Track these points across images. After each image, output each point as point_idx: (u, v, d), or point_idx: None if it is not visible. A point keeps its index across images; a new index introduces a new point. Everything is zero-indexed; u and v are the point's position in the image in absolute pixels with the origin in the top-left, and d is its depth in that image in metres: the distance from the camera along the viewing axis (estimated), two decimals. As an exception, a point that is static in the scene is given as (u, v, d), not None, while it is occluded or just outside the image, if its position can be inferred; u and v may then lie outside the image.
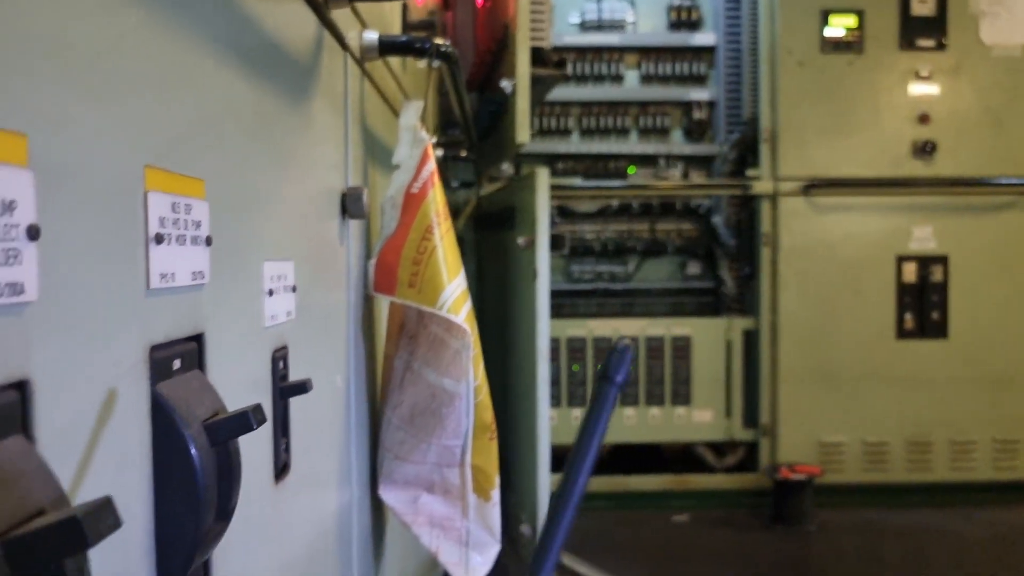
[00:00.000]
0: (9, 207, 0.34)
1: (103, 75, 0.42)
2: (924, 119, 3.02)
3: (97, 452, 0.41)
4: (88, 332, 0.41)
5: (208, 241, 0.55)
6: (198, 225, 0.54)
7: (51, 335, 0.37)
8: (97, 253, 0.42)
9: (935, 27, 3.03)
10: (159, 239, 0.48)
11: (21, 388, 0.36)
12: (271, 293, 0.70)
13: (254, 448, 0.64)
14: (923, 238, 3.05)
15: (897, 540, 2.81)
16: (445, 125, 2.41)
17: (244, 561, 0.63)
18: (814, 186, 3.04)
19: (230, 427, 0.52)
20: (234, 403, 0.56)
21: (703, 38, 3.33)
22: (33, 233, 0.35)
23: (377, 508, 1.18)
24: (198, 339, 0.55)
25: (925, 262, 3.05)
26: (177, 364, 0.51)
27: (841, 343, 3.05)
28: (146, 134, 0.47)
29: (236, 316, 0.62)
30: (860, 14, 3.03)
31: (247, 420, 0.52)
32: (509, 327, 2.26)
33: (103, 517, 0.32)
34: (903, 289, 3.05)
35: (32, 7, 0.36)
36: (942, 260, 3.06)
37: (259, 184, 0.68)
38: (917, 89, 3.05)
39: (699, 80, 3.37)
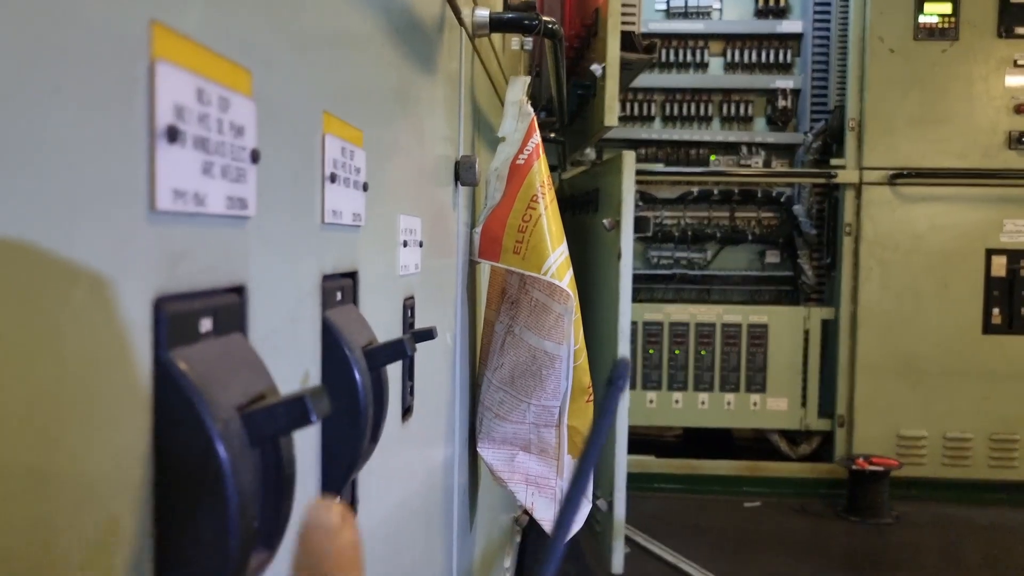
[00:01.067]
0: (240, 131, 0.39)
1: (301, 28, 0.48)
2: (1020, 109, 2.94)
3: (283, 359, 0.47)
4: (284, 252, 0.46)
5: (365, 187, 0.60)
6: (358, 171, 0.59)
7: (260, 249, 0.43)
8: (291, 183, 0.47)
9: (1035, 14, 2.95)
10: (333, 178, 0.53)
11: (239, 292, 0.41)
12: (405, 244, 0.75)
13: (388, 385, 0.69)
14: (1015, 231, 2.97)
15: (976, 537, 2.76)
16: (534, 108, 2.45)
17: (379, 486, 0.68)
18: (901, 176, 2.99)
19: (387, 353, 0.57)
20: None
21: (790, 25, 3.30)
22: (255, 157, 0.41)
23: (472, 467, 1.24)
24: (353, 276, 0.60)
25: (1016, 256, 2.97)
26: (339, 296, 0.57)
27: (924, 336, 3.00)
28: (325, 83, 0.52)
29: (379, 261, 0.67)
30: (955, 0, 2.96)
31: (402, 347, 0.57)
32: (590, 307, 2.29)
33: (321, 400, 0.37)
34: (991, 283, 2.98)
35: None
36: (1034, 254, 2.98)
37: (399, 142, 0.73)
38: (1014, 78, 2.97)
39: (784, 68, 3.34)
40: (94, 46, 0.28)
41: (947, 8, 2.97)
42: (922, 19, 2.97)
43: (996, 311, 2.98)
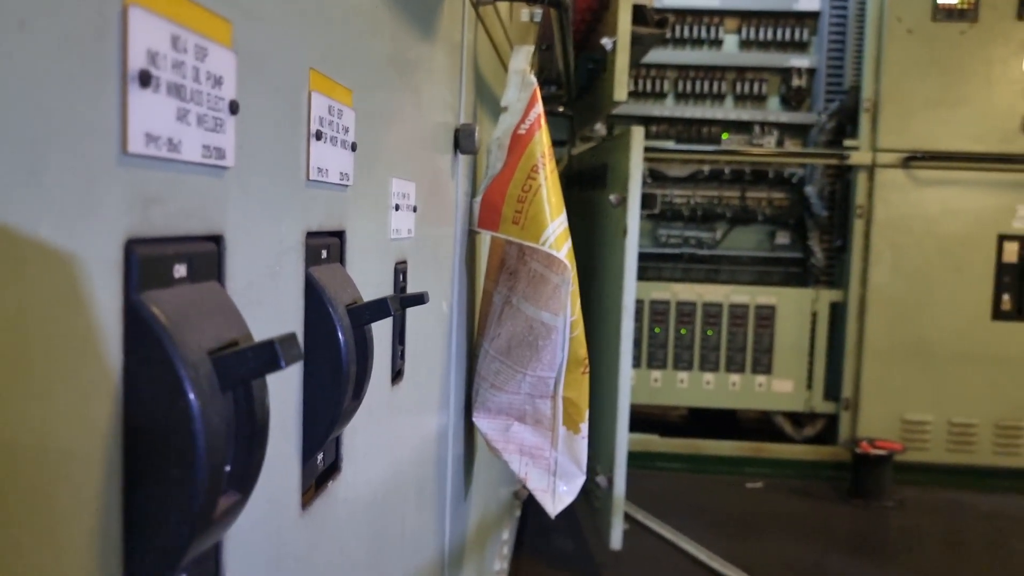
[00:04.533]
0: (218, 81, 0.40)
1: (285, -20, 0.48)
2: (1038, 93, 2.91)
3: (263, 313, 0.47)
4: (265, 206, 0.46)
5: (353, 147, 0.60)
6: (346, 131, 0.59)
7: (239, 201, 0.43)
8: (273, 138, 0.47)
9: (1057, -4, 2.90)
10: (319, 136, 0.53)
11: (217, 241, 0.41)
12: (397, 208, 0.75)
13: (377, 348, 0.70)
14: (1028, 217, 2.95)
15: (979, 523, 2.76)
16: (542, 82, 2.44)
17: (366, 450, 0.69)
18: (915, 158, 2.97)
19: (371, 312, 0.57)
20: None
21: (807, 3, 3.26)
22: (234, 108, 0.41)
23: (468, 438, 1.25)
24: (340, 235, 0.60)
25: (1028, 242, 2.95)
26: (324, 254, 0.57)
27: (933, 321, 2.99)
28: (311, 38, 0.52)
29: (368, 222, 0.68)
30: (976, -18, 2.92)
31: (385, 306, 0.57)
32: (595, 284, 2.30)
33: (291, 347, 0.38)
34: (1002, 269, 2.96)
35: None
36: (1047, 241, 2.95)
37: (392, 105, 0.73)
38: (1033, 62, 2.93)
39: (800, 47, 3.31)
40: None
41: (967, -11, 2.93)
42: (941, 0, 2.93)
43: (1006, 297, 2.96)
